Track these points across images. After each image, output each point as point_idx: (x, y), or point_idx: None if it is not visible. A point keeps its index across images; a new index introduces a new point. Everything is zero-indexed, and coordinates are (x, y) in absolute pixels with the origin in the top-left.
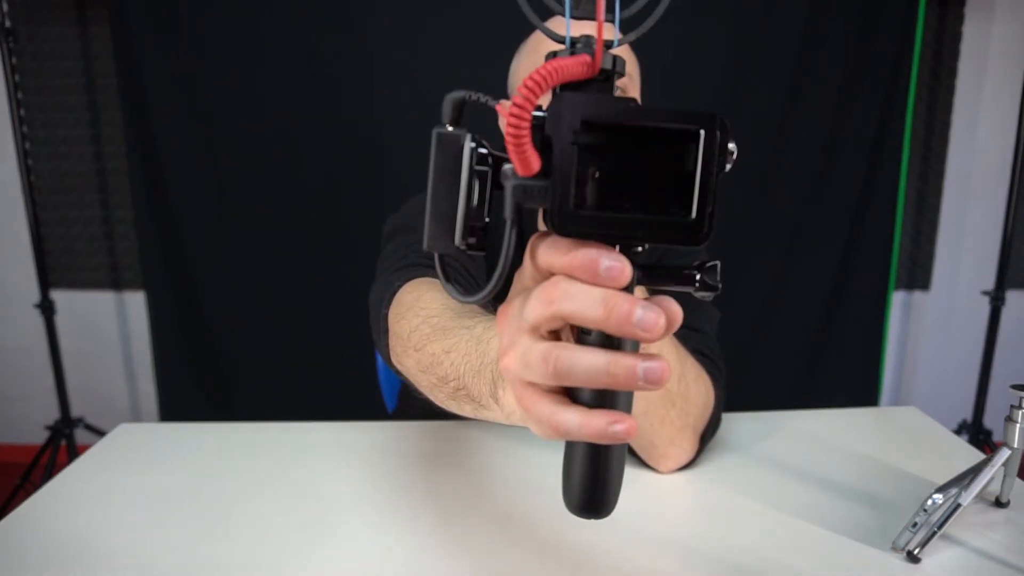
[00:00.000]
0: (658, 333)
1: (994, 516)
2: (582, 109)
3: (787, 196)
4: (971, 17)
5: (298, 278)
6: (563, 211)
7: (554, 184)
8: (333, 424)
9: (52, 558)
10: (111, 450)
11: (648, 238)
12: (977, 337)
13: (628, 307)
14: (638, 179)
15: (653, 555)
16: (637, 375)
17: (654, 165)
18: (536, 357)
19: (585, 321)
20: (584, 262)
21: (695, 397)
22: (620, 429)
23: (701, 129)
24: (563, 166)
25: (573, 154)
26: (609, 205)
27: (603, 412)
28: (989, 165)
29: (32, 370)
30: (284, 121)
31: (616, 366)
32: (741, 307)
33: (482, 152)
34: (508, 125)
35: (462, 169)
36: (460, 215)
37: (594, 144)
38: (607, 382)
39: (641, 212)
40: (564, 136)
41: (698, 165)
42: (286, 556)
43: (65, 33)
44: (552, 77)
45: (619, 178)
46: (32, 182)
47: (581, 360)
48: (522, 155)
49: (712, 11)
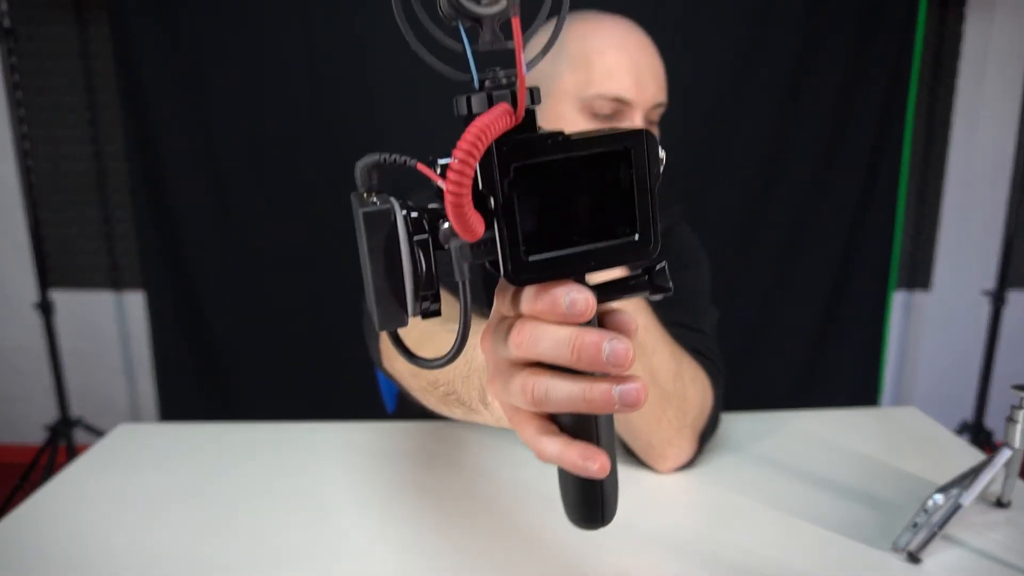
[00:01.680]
0: (629, 364)
1: (995, 517)
2: (511, 157)
3: (787, 196)
4: (972, 17)
5: (298, 278)
6: (515, 263)
7: (501, 238)
8: (333, 424)
9: (51, 558)
10: (110, 450)
11: (602, 265)
12: (978, 337)
13: (595, 347)
14: (579, 210)
15: (653, 555)
16: (613, 399)
17: (592, 192)
18: (516, 388)
19: (557, 362)
20: (545, 307)
21: (693, 397)
22: (593, 468)
23: (630, 148)
24: (506, 218)
25: (512, 203)
26: (558, 243)
27: (579, 446)
28: (990, 164)
29: (31, 370)
30: (284, 121)
31: (591, 392)
32: (741, 307)
33: (415, 217)
34: (448, 194)
35: (400, 244)
36: (409, 290)
37: (531, 187)
38: (585, 408)
39: (590, 242)
40: (499, 188)
41: (634, 182)
42: (286, 556)
43: (65, 33)
44: (482, 142)
45: (561, 213)
46: (32, 182)
47: (558, 389)
48: (465, 223)
49: (712, 11)
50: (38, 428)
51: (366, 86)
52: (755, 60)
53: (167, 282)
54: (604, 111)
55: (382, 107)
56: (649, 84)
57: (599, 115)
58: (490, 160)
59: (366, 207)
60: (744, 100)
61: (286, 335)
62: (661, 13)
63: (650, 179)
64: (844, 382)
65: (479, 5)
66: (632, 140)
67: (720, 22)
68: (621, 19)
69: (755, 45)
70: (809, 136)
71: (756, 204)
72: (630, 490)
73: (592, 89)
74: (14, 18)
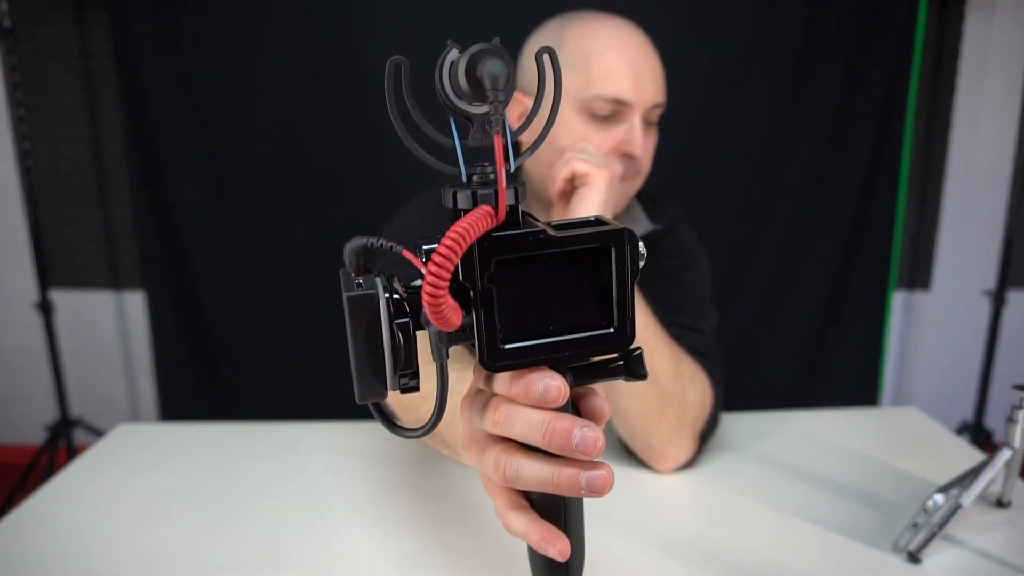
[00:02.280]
0: (598, 452)
1: (995, 517)
2: (492, 252)
3: (787, 196)
4: (972, 17)
5: (298, 278)
6: (491, 351)
7: (478, 327)
8: (333, 424)
9: (51, 558)
10: (110, 450)
11: (576, 355)
12: (978, 337)
13: (566, 435)
14: (557, 301)
15: (653, 555)
16: (579, 484)
17: (570, 285)
18: (489, 462)
19: (529, 442)
20: (519, 391)
21: (692, 396)
22: (551, 551)
23: (611, 245)
24: (484, 308)
25: (492, 295)
26: (534, 333)
27: (542, 528)
28: (990, 164)
29: (31, 370)
30: (284, 121)
31: (559, 476)
32: (741, 307)
33: (397, 299)
34: (425, 294)
35: (382, 326)
36: (389, 369)
37: (510, 279)
38: (552, 490)
39: (566, 332)
40: (479, 281)
41: (614, 278)
42: (286, 556)
43: (64, 33)
44: (461, 245)
45: (539, 304)
46: (32, 182)
47: (528, 469)
48: (442, 318)
49: (712, 11)
50: (38, 428)
51: (365, 86)
52: (755, 60)
53: (167, 282)
54: (603, 112)
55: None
56: (648, 85)
57: (598, 116)
58: (471, 255)
59: (350, 291)
60: (744, 100)
61: (286, 335)
62: (661, 13)
63: (630, 275)
64: (844, 382)
65: (470, 105)
66: (614, 239)
67: (720, 22)
68: (620, 20)
69: (755, 45)
70: (809, 136)
71: (756, 204)
72: (630, 490)
73: (591, 90)
74: (14, 18)
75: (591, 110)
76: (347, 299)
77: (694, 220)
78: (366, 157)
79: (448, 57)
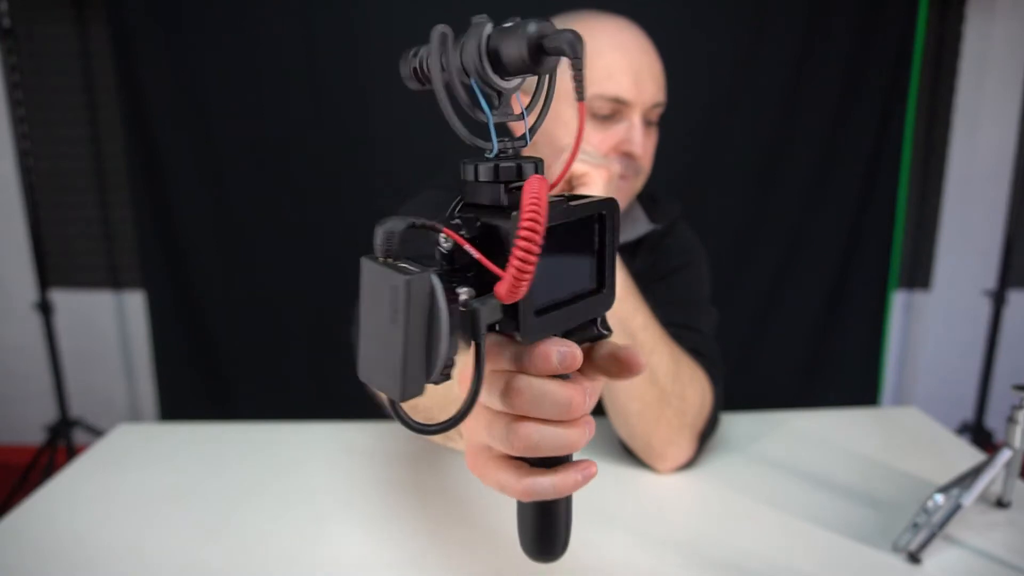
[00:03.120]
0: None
1: (995, 517)
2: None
3: (787, 195)
4: (972, 17)
5: (298, 277)
6: (529, 322)
7: (525, 299)
8: (333, 424)
9: (51, 558)
10: (110, 450)
11: (580, 318)
12: (978, 337)
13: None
14: (566, 269)
15: (653, 555)
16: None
17: (574, 252)
18: (500, 434)
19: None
20: (540, 363)
21: (692, 396)
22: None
23: (604, 213)
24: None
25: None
26: (552, 302)
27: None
28: (990, 164)
29: (31, 370)
30: (283, 121)
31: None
32: (741, 306)
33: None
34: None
35: (439, 315)
36: (443, 358)
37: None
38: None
39: (573, 299)
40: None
41: (605, 243)
42: (285, 556)
43: (64, 33)
44: (544, 210)
45: (554, 273)
46: (32, 182)
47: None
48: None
49: (712, 11)
50: (37, 428)
51: (366, 86)
52: (755, 60)
53: (167, 282)
54: (603, 111)
55: (381, 107)
56: (648, 84)
57: (598, 115)
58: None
59: (407, 274)
60: (744, 100)
61: (286, 335)
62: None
63: (615, 239)
64: (844, 382)
65: (502, 79)
66: (607, 205)
67: (720, 22)
68: (620, 19)
69: (755, 45)
70: (809, 136)
71: (756, 204)
72: (630, 490)
73: (591, 90)
74: (14, 18)
75: (591, 109)
76: (405, 284)
77: (694, 220)
78: (367, 156)
79: (484, 32)
